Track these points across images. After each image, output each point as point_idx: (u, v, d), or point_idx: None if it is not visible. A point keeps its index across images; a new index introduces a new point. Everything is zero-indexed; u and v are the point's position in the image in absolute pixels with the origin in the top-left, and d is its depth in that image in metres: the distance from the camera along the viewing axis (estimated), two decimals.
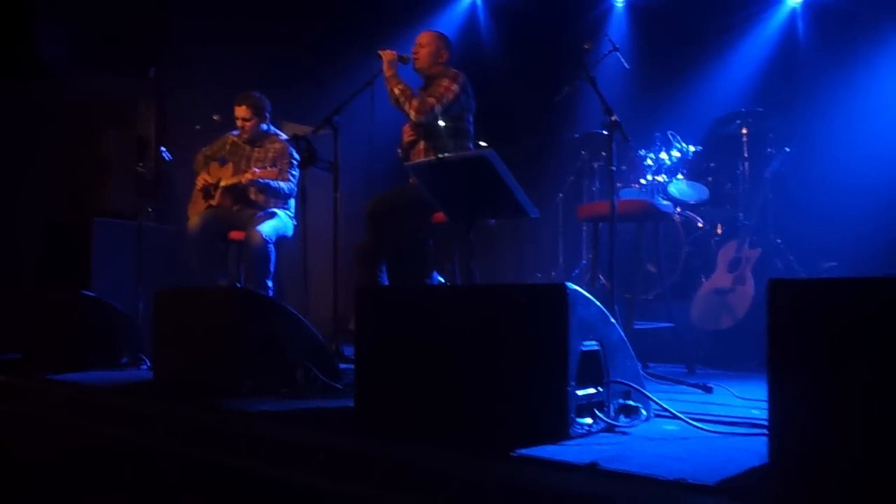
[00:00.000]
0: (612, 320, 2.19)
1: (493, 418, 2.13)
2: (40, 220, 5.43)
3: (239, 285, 4.63)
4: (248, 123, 4.77)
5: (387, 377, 2.41)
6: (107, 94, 5.99)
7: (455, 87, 3.97)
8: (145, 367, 3.91)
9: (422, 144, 4.05)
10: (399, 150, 4.21)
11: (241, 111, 4.76)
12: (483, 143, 4.16)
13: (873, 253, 4.72)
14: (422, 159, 3.87)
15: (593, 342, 2.10)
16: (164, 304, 3.37)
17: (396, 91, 3.97)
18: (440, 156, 3.14)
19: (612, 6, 6.69)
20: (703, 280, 4.55)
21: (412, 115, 3.94)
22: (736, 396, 2.77)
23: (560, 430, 2.00)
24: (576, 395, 2.03)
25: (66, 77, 5.53)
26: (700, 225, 4.96)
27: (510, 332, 2.12)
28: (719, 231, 5.01)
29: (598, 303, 2.14)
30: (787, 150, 4.68)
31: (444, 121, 3.94)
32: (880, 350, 1.51)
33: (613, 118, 3.15)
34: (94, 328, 3.99)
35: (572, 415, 2.02)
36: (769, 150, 4.82)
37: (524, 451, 1.86)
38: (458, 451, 1.95)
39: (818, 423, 1.58)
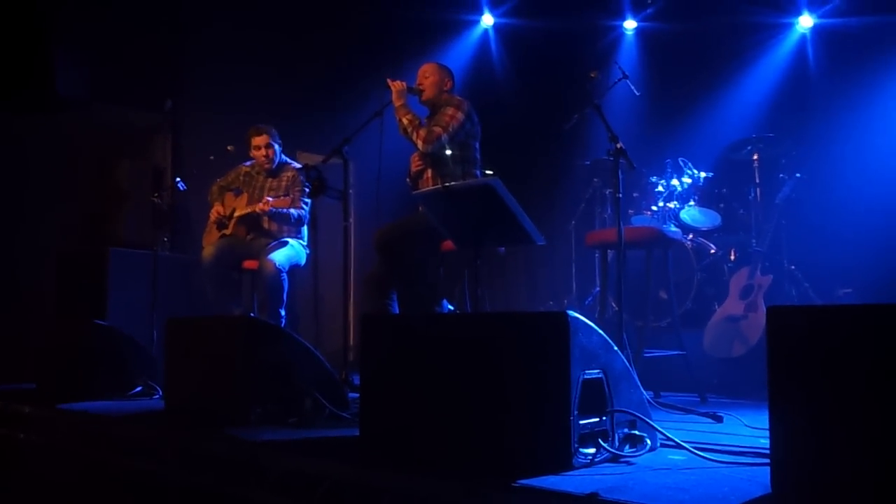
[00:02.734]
0: (616, 348, 2.18)
1: (496, 447, 2.12)
2: (57, 249, 5.51)
3: (253, 314, 4.67)
4: (270, 151, 4.86)
5: (391, 406, 2.41)
6: (123, 127, 6.11)
7: (460, 115, 4.02)
8: (158, 395, 3.93)
9: (429, 172, 4.09)
10: (408, 179, 4.25)
11: (262, 140, 4.85)
12: (489, 171, 4.18)
13: (890, 278, 4.67)
14: (429, 187, 3.89)
15: (596, 370, 2.09)
16: (174, 332, 3.40)
17: (405, 121, 4.02)
18: (446, 184, 3.17)
19: (622, 34, 6.74)
20: (716, 307, 4.51)
21: (420, 144, 3.99)
22: (746, 426, 2.73)
23: (563, 460, 1.98)
24: (578, 424, 2.01)
25: (84, 110, 5.65)
26: (713, 251, 4.93)
27: (512, 360, 2.11)
28: (732, 257, 4.97)
29: (600, 331, 2.13)
30: (799, 175, 4.66)
31: (451, 148, 3.98)
32: (880, 378, 1.50)
33: (618, 145, 3.16)
34: (107, 357, 4.02)
35: (575, 444, 2.00)
36: (781, 175, 4.80)
37: (526, 482, 1.85)
38: (461, 481, 1.94)
39: (819, 452, 1.56)
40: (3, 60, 5.26)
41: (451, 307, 4.19)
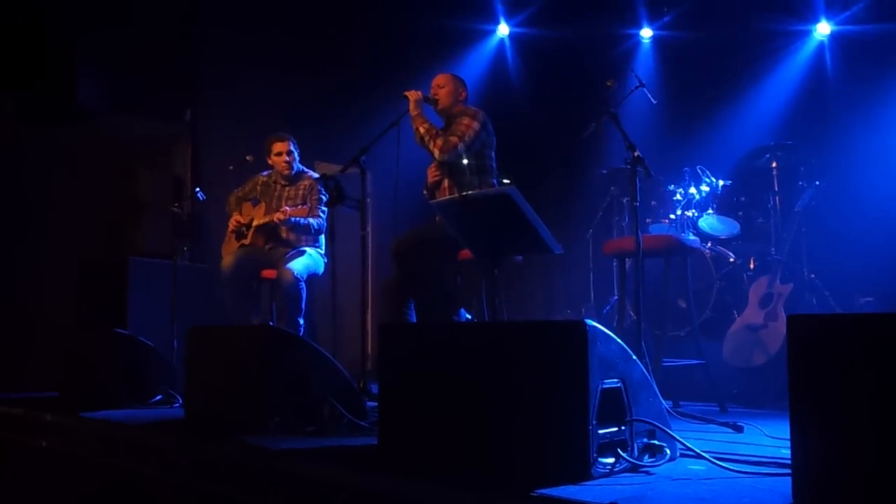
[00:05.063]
0: (634, 357, 2.17)
1: (514, 457, 2.11)
2: (77, 259, 5.57)
3: (271, 323, 4.69)
4: (290, 157, 4.91)
5: (409, 415, 2.41)
6: (143, 137, 6.19)
7: (475, 125, 4.04)
8: (178, 404, 3.96)
9: (446, 182, 4.10)
10: (424, 191, 4.26)
11: (283, 146, 4.91)
12: (506, 180, 4.19)
13: None
14: (446, 197, 3.90)
15: (615, 379, 2.08)
16: (194, 341, 3.43)
17: (422, 130, 4.05)
18: (463, 193, 3.17)
19: (638, 42, 6.74)
20: (736, 316, 4.48)
21: (436, 154, 4.01)
22: (767, 436, 2.70)
23: (581, 470, 1.97)
24: (597, 433, 2.00)
25: (105, 120, 5.72)
26: (732, 260, 4.90)
27: (531, 369, 2.11)
28: (752, 266, 4.94)
29: (619, 340, 2.13)
30: (818, 183, 4.63)
31: (467, 158, 4.00)
32: None
33: (636, 154, 3.15)
34: (127, 366, 4.06)
35: (594, 454, 1.99)
36: (800, 183, 4.77)
37: (544, 491, 1.84)
38: (479, 490, 1.94)
39: (840, 463, 1.55)
40: (25, 71, 5.34)
41: (468, 316, 4.19)
